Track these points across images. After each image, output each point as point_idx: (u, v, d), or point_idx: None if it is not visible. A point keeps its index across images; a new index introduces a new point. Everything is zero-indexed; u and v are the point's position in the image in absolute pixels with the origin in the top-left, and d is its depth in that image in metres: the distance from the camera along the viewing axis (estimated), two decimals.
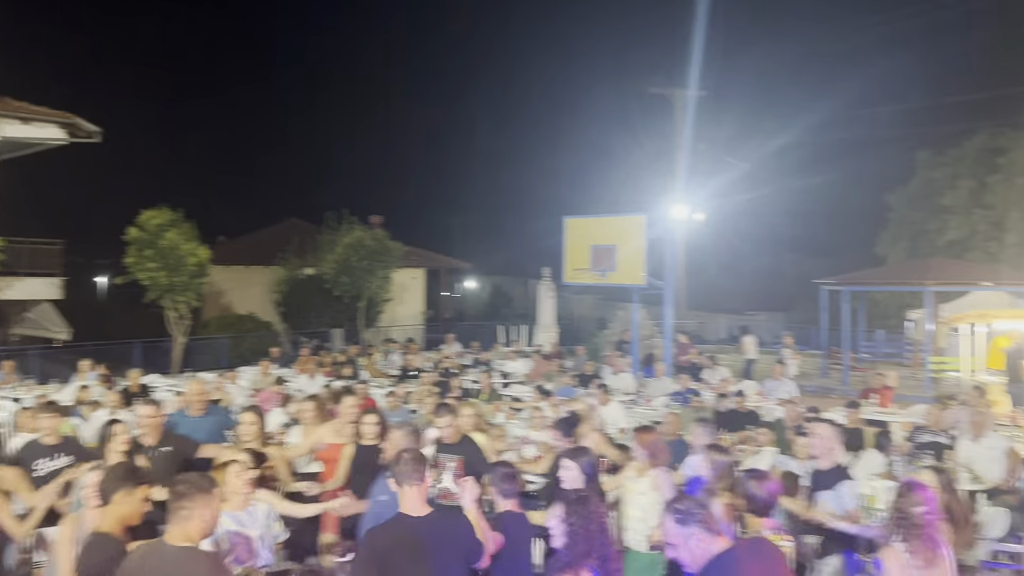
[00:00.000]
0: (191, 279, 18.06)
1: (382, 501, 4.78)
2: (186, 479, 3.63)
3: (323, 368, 15.00)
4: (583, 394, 12.57)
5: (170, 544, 3.47)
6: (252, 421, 6.15)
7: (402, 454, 4.07)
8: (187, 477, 3.67)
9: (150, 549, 3.53)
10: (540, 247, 31.92)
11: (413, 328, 27.61)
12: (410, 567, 3.67)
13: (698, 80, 27.31)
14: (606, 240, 14.29)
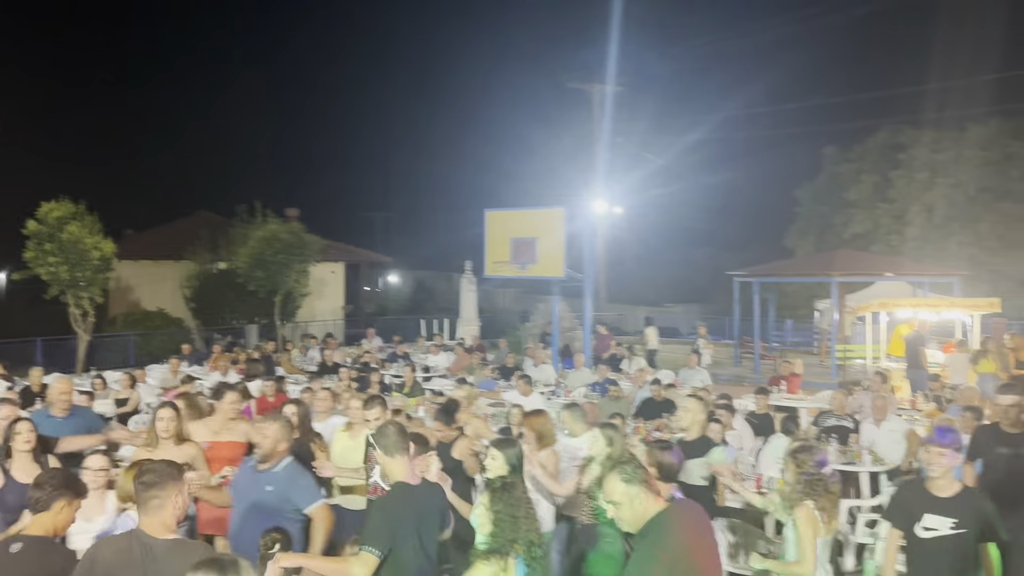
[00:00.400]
0: (95, 274, 17.27)
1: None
2: (152, 468, 3.47)
3: (237, 365, 14.58)
4: (504, 386, 12.66)
5: (155, 537, 3.31)
6: (170, 417, 5.67)
7: (387, 427, 4.20)
8: (153, 466, 3.50)
9: (130, 543, 3.33)
10: (462, 240, 31.86)
11: (333, 323, 27.16)
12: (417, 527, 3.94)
13: (615, 76, 27.74)
14: (526, 233, 14.35)
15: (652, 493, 3.46)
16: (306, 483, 4.83)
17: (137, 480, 3.45)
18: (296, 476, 4.79)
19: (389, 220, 52.82)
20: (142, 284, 26.49)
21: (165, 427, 5.51)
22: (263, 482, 4.71)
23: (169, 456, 4.91)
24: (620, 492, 3.42)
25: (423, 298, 43.83)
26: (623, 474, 3.45)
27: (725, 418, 7.83)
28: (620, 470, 3.48)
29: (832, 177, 29.22)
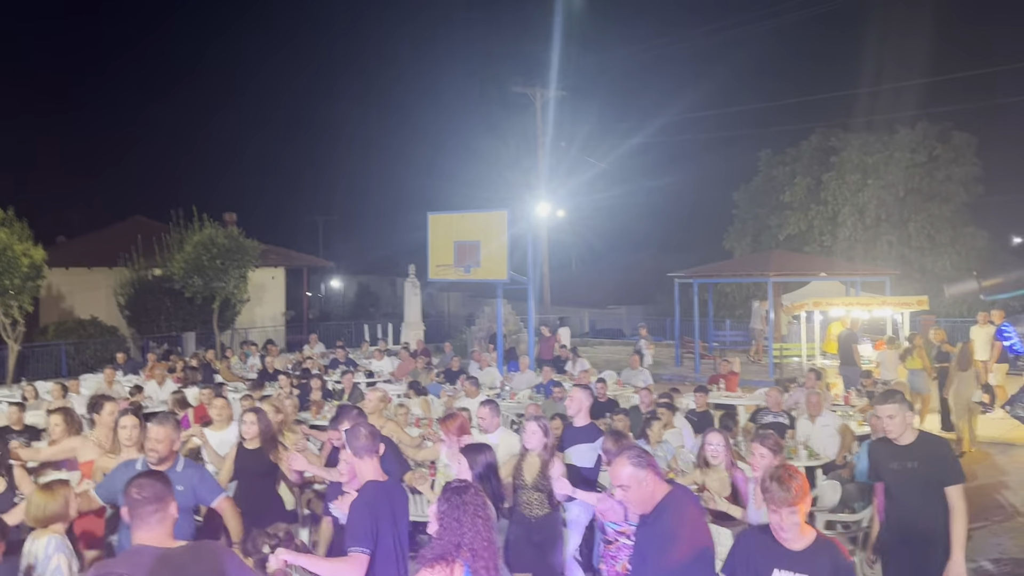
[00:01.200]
0: (25, 282, 16.67)
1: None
2: (140, 482, 3.36)
3: (174, 374, 14.23)
4: (449, 389, 12.65)
5: (159, 547, 3.19)
6: (133, 425, 5.59)
7: (359, 429, 4.29)
8: (141, 480, 3.40)
9: (139, 559, 3.16)
10: (406, 244, 31.77)
11: (274, 329, 26.73)
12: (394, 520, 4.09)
13: (557, 80, 28.00)
14: (469, 236, 14.36)
15: (658, 476, 3.60)
16: (209, 479, 4.98)
17: (128, 496, 3.33)
18: (201, 473, 4.93)
19: (331, 224, 52.28)
20: (74, 292, 25.64)
21: (128, 435, 5.48)
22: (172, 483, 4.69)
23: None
24: (628, 475, 3.55)
25: (367, 303, 43.52)
26: (632, 458, 3.58)
27: (666, 416, 7.98)
28: (628, 454, 3.62)
29: (768, 180, 29.93)
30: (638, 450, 3.69)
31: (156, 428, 4.82)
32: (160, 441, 4.75)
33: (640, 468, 3.56)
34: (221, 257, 21.23)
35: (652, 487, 3.56)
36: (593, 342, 25.78)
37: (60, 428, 6.39)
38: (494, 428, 6.39)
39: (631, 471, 3.56)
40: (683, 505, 3.59)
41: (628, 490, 3.57)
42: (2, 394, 13.37)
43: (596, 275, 38.98)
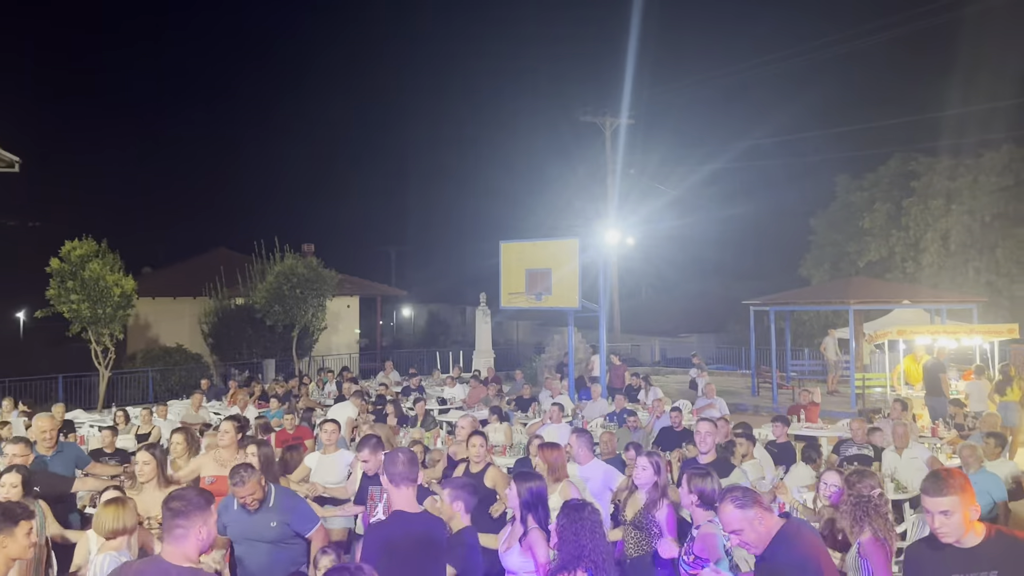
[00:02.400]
0: (116, 311, 17.47)
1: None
2: (181, 495, 3.51)
3: (255, 400, 14.67)
4: (522, 417, 12.67)
5: (171, 563, 3.34)
6: (146, 461, 5.57)
7: (396, 455, 4.15)
8: (182, 493, 3.55)
9: (148, 567, 3.39)
10: (476, 273, 32.10)
11: (348, 357, 27.26)
12: (413, 557, 3.87)
13: (628, 109, 28.07)
14: (541, 264, 14.44)
15: (767, 510, 3.50)
16: (304, 508, 5.07)
17: (165, 506, 3.48)
18: (294, 504, 4.99)
19: (403, 253, 53.20)
20: (160, 321, 26.77)
21: (140, 470, 5.46)
22: (265, 520, 4.83)
23: (153, 499, 5.02)
24: (738, 519, 3.47)
25: (437, 331, 43.99)
26: (735, 501, 3.49)
27: (745, 447, 7.81)
28: (731, 497, 3.52)
29: (845, 205, 29.21)
30: (740, 490, 3.58)
31: (244, 476, 4.83)
32: (246, 485, 4.81)
33: (747, 508, 3.46)
34: (301, 286, 21.95)
35: (764, 525, 3.46)
36: (665, 371, 25.43)
37: (181, 447, 6.49)
38: (586, 460, 6.23)
39: (740, 514, 3.47)
40: (797, 537, 3.48)
41: (742, 533, 3.48)
42: (93, 418, 13.98)
43: (667, 303, 38.54)
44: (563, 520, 3.70)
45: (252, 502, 4.80)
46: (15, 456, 5.68)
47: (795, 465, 8.14)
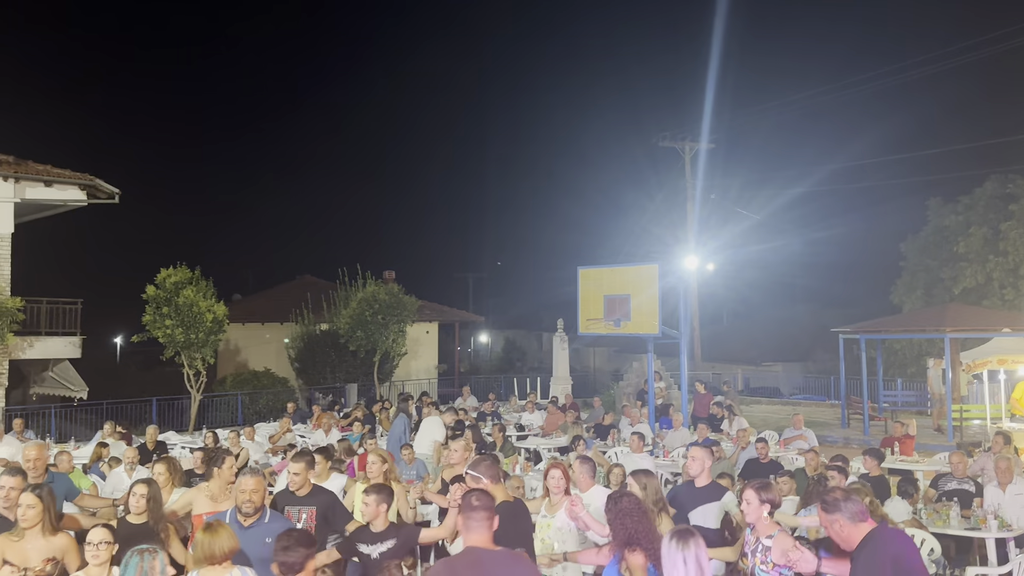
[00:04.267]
0: (208, 336, 18.12)
1: None
2: (291, 534, 3.95)
3: (338, 423, 15.00)
4: (601, 445, 12.53)
5: None
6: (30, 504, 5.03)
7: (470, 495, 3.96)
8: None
9: None
10: (553, 300, 32.10)
11: (428, 382, 27.57)
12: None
13: (708, 133, 27.76)
14: (620, 290, 14.32)
15: (850, 519, 4.03)
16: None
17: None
18: (286, 525, 5.07)
19: (481, 280, 53.64)
20: (250, 345, 27.73)
21: (23, 514, 4.84)
22: (260, 536, 4.85)
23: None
24: (822, 519, 4.14)
25: (514, 357, 44.07)
26: (823, 504, 4.13)
27: (836, 480, 7.52)
28: (821, 502, 4.17)
29: (938, 230, 28.01)
30: (832, 496, 4.16)
31: (249, 479, 4.93)
32: (256, 491, 4.91)
33: (830, 513, 4.07)
34: (382, 312, 22.41)
35: (848, 529, 4.02)
36: (748, 400, 24.77)
37: (164, 477, 6.29)
38: (587, 487, 6.08)
39: (823, 516, 4.13)
40: (887, 539, 4.02)
41: (828, 530, 4.13)
42: (184, 440, 14.50)
43: (750, 330, 37.59)
44: (609, 513, 4.30)
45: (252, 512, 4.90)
46: (11, 490, 5.13)
47: (890, 499, 7.78)
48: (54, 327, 18.02)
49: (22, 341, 16.78)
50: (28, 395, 19.56)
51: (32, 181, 17.21)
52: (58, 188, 17.65)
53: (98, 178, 17.95)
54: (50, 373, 18.79)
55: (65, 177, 17.66)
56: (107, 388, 20.95)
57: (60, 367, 18.74)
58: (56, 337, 17.94)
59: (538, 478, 10.08)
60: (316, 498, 5.77)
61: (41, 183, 17.34)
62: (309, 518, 5.60)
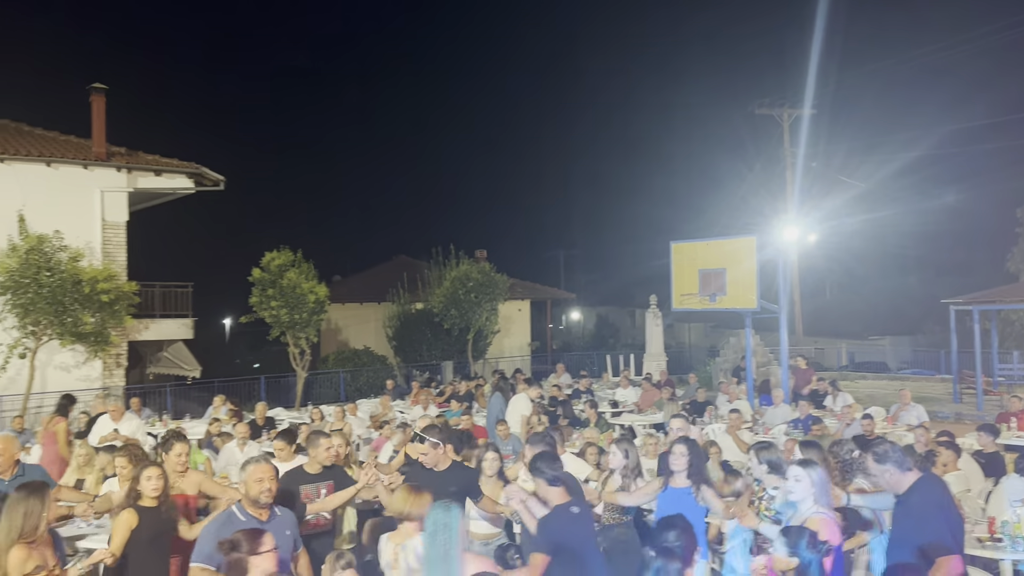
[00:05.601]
0: (311, 316, 18.80)
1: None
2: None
3: (436, 399, 15.35)
4: (700, 421, 12.34)
5: None
6: (181, 452, 5.65)
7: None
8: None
9: None
10: (646, 275, 31.66)
11: (520, 360, 27.76)
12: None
13: (811, 97, 26.63)
14: (715, 264, 14.00)
15: (899, 468, 4.41)
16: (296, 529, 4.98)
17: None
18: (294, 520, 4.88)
19: (572, 257, 53.39)
20: (349, 325, 28.61)
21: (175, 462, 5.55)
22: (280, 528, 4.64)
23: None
24: (873, 469, 4.52)
25: (606, 334, 43.82)
26: (872, 455, 4.52)
27: (945, 456, 7.18)
28: (872, 451, 4.55)
29: None
30: (882, 448, 4.53)
31: (264, 466, 4.60)
32: (273, 479, 4.60)
33: (881, 463, 4.46)
34: (475, 291, 22.72)
35: (896, 476, 4.42)
36: (853, 375, 23.85)
37: (127, 471, 6.02)
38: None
39: (875, 466, 4.50)
40: (933, 485, 4.46)
41: (879, 479, 4.54)
42: (291, 416, 15.12)
43: (854, 303, 36.09)
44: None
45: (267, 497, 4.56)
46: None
47: (1007, 477, 7.38)
48: (167, 310, 19.07)
49: (139, 324, 17.82)
50: (145, 375, 20.79)
51: (143, 171, 18.21)
52: (167, 177, 18.61)
53: (203, 166, 18.82)
54: (165, 353, 19.92)
55: (173, 166, 18.60)
56: (217, 367, 22.02)
57: (174, 348, 19.84)
58: (169, 319, 18.99)
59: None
60: (332, 472, 5.75)
61: (151, 173, 18.32)
62: (328, 492, 5.62)
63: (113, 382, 17.17)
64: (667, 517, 4.24)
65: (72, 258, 15.80)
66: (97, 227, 17.34)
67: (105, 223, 17.52)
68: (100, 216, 17.44)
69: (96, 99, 17.68)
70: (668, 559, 3.52)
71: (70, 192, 17.06)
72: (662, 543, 3.78)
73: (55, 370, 16.50)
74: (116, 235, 17.74)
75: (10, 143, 17.07)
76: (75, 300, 15.51)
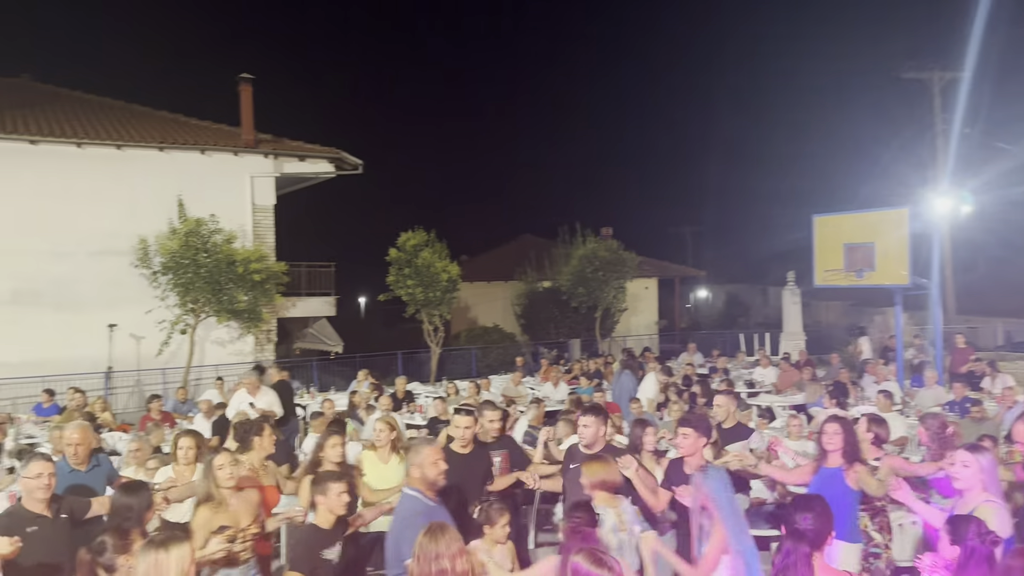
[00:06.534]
0: (444, 294, 19.31)
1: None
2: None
3: (567, 376, 15.45)
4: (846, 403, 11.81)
5: None
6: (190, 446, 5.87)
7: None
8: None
9: None
10: (779, 251, 30.44)
11: (648, 338, 27.46)
12: None
13: (960, 60, 24.66)
14: (862, 238, 13.31)
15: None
16: None
17: None
18: None
19: (700, 234, 52.04)
20: (478, 303, 29.18)
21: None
22: None
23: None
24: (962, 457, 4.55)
25: (736, 312, 42.60)
26: (967, 447, 4.59)
27: None
28: (969, 446, 4.63)
29: None
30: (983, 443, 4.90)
31: (435, 448, 4.55)
32: (441, 463, 4.49)
33: (972, 453, 4.52)
34: (602, 269, 22.64)
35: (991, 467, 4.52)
36: (1012, 356, 22.14)
37: (193, 452, 6.01)
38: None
39: (965, 456, 4.52)
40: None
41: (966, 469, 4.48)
42: (427, 390, 15.64)
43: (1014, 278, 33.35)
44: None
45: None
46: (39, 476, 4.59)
47: None
48: (312, 288, 20.06)
49: (286, 301, 18.84)
50: (292, 350, 22.00)
51: (288, 157, 19.17)
52: (310, 162, 19.52)
53: (343, 151, 19.60)
54: (310, 330, 21.00)
55: (316, 152, 19.48)
56: (356, 343, 22.94)
57: (318, 324, 20.88)
58: (314, 297, 19.98)
59: (773, 435, 9.75)
60: (504, 443, 5.99)
61: (296, 158, 19.26)
62: (503, 461, 5.81)
63: (264, 356, 18.28)
64: (805, 497, 4.09)
65: (226, 240, 16.88)
66: (248, 210, 18.42)
67: (255, 207, 18.59)
68: (250, 200, 18.50)
69: (244, 88, 18.71)
70: (797, 541, 3.40)
71: (223, 178, 18.18)
72: (793, 524, 3.64)
73: (212, 345, 17.73)
74: (265, 218, 18.79)
75: (168, 133, 18.36)
76: (230, 280, 16.57)
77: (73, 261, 16.58)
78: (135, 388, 16.88)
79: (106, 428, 11.15)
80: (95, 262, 16.73)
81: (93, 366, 16.01)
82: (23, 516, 4.56)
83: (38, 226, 16.32)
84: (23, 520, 4.51)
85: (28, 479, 4.59)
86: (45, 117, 17.75)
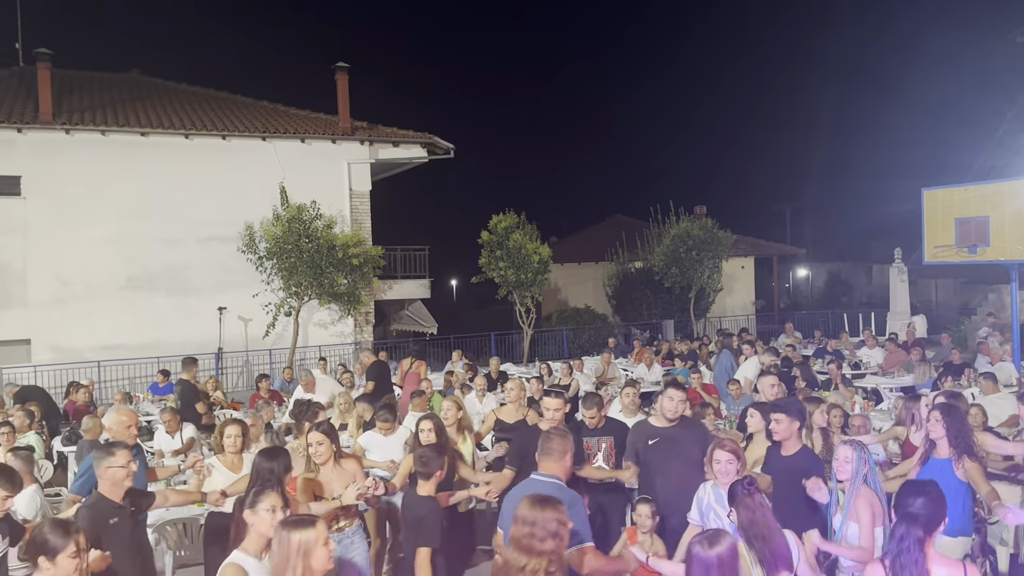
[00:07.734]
0: (535, 276, 19.41)
1: None
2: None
3: (659, 357, 15.30)
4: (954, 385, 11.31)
5: None
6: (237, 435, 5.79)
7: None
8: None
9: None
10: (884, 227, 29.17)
11: (745, 319, 26.86)
12: None
13: None
14: (975, 211, 12.58)
15: None
16: None
17: None
18: None
19: (799, 210, 50.27)
20: (568, 285, 29.19)
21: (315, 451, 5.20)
22: None
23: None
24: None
25: (838, 291, 41.15)
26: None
27: None
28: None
29: None
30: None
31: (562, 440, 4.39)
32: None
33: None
34: (696, 248, 22.23)
35: None
36: None
37: (240, 440, 5.82)
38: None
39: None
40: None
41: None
42: (520, 371, 15.78)
43: None
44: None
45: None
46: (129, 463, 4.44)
47: None
48: (408, 271, 20.52)
49: (383, 284, 19.35)
50: (389, 331, 22.60)
51: (383, 143, 19.61)
52: (404, 148, 19.91)
53: (435, 136, 19.90)
54: (406, 312, 21.51)
55: (409, 137, 19.85)
56: (448, 325, 23.36)
57: (414, 306, 21.36)
58: (410, 280, 20.43)
59: (881, 418, 9.44)
60: (610, 428, 5.98)
61: (390, 144, 19.68)
62: (609, 447, 5.82)
63: (363, 338, 18.85)
64: (919, 482, 3.96)
65: (326, 225, 17.45)
66: (346, 196, 18.97)
67: (352, 192, 19.12)
68: (348, 186, 19.04)
69: (340, 77, 19.22)
70: (910, 525, 3.33)
71: (322, 165, 18.77)
72: (906, 508, 3.55)
73: (314, 327, 18.42)
74: (362, 203, 19.31)
75: (270, 123, 19.06)
76: (330, 264, 17.14)
77: (184, 248, 17.50)
78: (244, 368, 17.74)
79: (218, 406, 11.78)
80: (204, 248, 17.61)
81: (204, 347, 16.87)
82: (105, 508, 4.32)
83: (150, 214, 17.27)
84: (105, 512, 4.30)
85: (119, 468, 4.36)
86: (154, 110, 18.72)
